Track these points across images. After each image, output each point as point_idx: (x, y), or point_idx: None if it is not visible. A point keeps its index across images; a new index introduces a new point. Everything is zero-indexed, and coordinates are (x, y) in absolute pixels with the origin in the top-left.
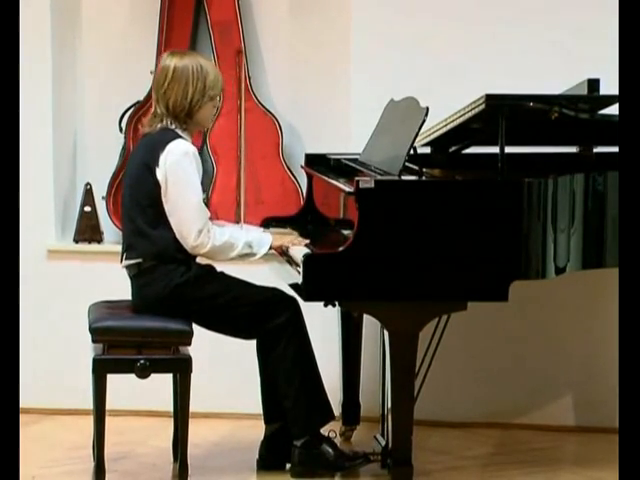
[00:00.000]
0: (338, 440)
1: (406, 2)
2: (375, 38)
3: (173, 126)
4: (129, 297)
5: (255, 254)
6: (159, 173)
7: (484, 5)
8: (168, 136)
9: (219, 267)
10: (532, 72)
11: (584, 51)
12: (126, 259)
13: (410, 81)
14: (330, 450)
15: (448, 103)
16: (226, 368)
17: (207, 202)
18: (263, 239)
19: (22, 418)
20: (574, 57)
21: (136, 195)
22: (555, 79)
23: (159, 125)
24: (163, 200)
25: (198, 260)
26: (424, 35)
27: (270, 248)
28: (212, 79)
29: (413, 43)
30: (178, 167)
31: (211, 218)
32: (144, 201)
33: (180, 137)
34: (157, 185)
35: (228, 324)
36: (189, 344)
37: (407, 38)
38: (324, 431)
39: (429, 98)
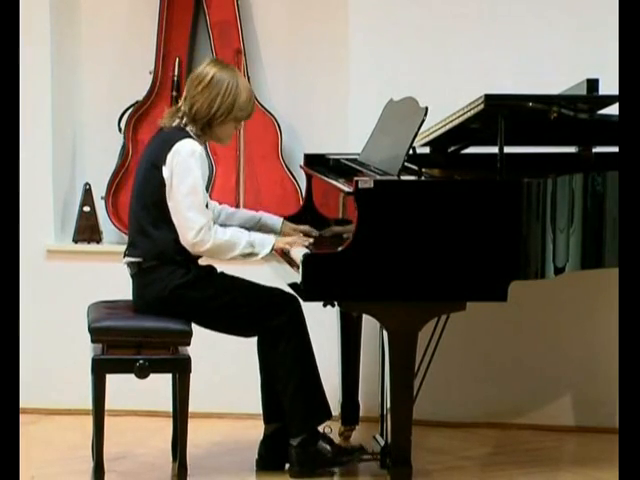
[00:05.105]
0: (335, 438)
1: (405, 2)
2: (373, 38)
3: (189, 127)
4: (129, 297)
5: (257, 254)
6: (165, 171)
7: (484, 5)
8: (178, 135)
9: (220, 267)
10: (532, 72)
11: (584, 51)
12: (128, 256)
13: (409, 81)
14: (327, 447)
15: (448, 103)
16: (226, 368)
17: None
18: (265, 240)
19: (22, 418)
20: (574, 57)
21: (142, 193)
22: (555, 79)
23: (176, 122)
24: (167, 198)
25: (200, 261)
26: (423, 35)
27: (272, 249)
28: (244, 100)
29: (412, 43)
30: (184, 167)
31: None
32: (149, 200)
33: (190, 137)
34: (162, 184)
35: (228, 324)
36: (188, 344)
37: (406, 38)
38: (320, 429)
39: (428, 98)
